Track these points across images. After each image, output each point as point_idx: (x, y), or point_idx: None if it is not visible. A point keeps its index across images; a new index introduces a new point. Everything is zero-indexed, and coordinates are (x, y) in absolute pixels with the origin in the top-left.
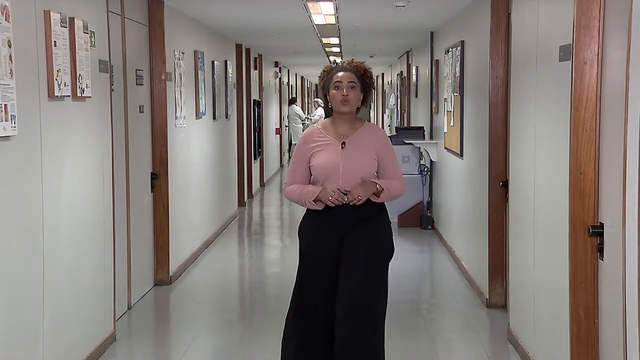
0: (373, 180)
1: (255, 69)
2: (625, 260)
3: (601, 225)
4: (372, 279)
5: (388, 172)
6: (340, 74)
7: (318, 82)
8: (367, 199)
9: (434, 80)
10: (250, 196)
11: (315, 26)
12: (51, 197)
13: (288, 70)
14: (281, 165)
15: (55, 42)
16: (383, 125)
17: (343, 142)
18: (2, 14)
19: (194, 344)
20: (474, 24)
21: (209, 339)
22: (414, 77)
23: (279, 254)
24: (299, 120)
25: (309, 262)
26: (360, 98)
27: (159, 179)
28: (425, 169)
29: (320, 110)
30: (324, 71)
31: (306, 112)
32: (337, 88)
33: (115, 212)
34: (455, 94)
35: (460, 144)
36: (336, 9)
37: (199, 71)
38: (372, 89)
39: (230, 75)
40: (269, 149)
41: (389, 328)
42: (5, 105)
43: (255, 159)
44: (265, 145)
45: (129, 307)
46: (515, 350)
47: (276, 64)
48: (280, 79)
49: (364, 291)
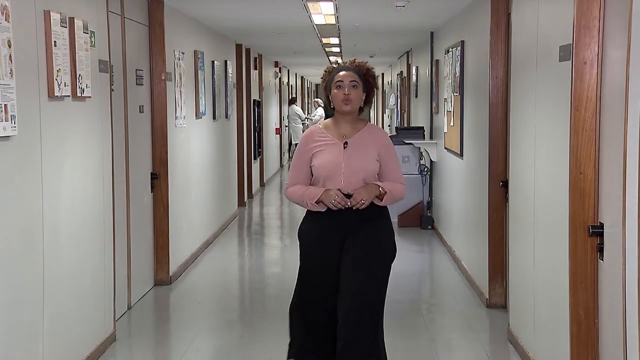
0: (376, 183)
1: (255, 69)
2: (625, 260)
3: (601, 225)
4: (373, 279)
5: (390, 174)
6: (342, 73)
7: (320, 83)
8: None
9: (434, 80)
10: (250, 196)
11: (315, 26)
12: (51, 197)
13: (288, 70)
14: (281, 165)
15: (55, 42)
16: (383, 125)
17: (345, 142)
18: (2, 14)
19: (194, 344)
20: (474, 24)
21: (209, 339)
22: (414, 77)
23: (279, 254)
24: (299, 120)
25: (311, 263)
26: (363, 98)
27: (159, 179)
28: (425, 169)
29: (320, 110)
30: (326, 71)
31: (306, 112)
32: (338, 87)
33: (115, 212)
34: (455, 94)
35: (460, 144)
36: (336, 9)
37: (199, 71)
38: (375, 89)
39: (230, 75)
40: (269, 149)
41: (389, 328)
42: (5, 105)
43: (255, 159)
44: (265, 145)
45: (129, 307)
46: (515, 350)
47: (276, 64)
48: (280, 79)
49: (365, 292)
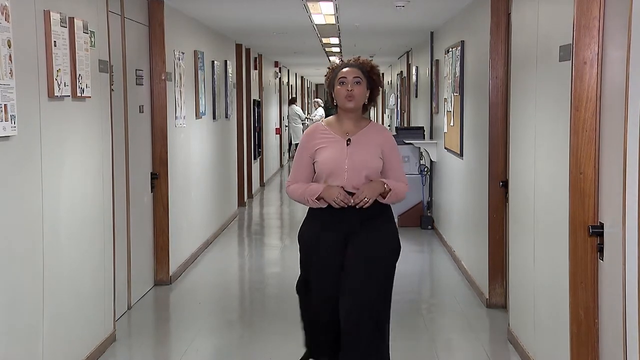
0: (381, 180)
1: (255, 69)
2: (625, 260)
3: (601, 225)
4: (374, 279)
5: (392, 173)
6: (345, 69)
7: (324, 81)
8: (375, 200)
9: (434, 80)
10: (250, 196)
11: (315, 26)
12: (51, 197)
13: (288, 70)
14: (281, 165)
15: (55, 42)
16: (383, 125)
17: (348, 139)
18: (2, 14)
19: (194, 344)
20: (474, 24)
21: (209, 339)
22: (414, 77)
23: (279, 254)
24: (299, 120)
25: (314, 264)
26: (366, 95)
27: (159, 179)
28: (425, 169)
29: (320, 110)
30: (330, 68)
31: (306, 112)
32: (342, 84)
33: (115, 212)
34: (455, 94)
35: (460, 144)
36: (336, 9)
37: (199, 71)
38: (380, 87)
39: (230, 75)
40: (269, 149)
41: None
42: (5, 105)
43: (255, 159)
44: (265, 145)
45: (129, 307)
46: (515, 350)
47: (276, 64)
48: (280, 79)
49: (365, 291)
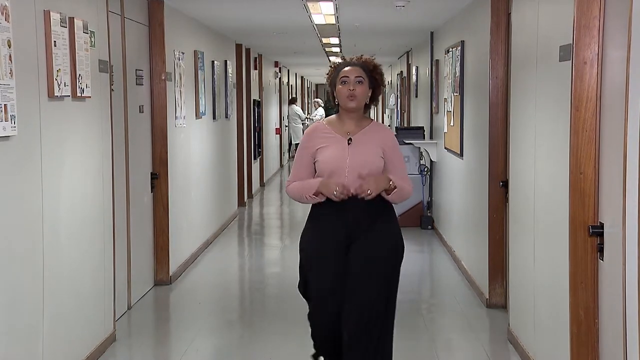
0: (387, 176)
1: (255, 69)
2: (625, 260)
3: (601, 225)
4: (374, 280)
5: (394, 173)
6: (347, 68)
7: (326, 80)
8: (379, 195)
9: (434, 80)
10: (250, 196)
11: (315, 26)
12: (51, 197)
13: (288, 70)
14: (281, 165)
15: (55, 42)
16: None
17: (349, 139)
18: (2, 14)
19: (194, 344)
20: (474, 24)
21: (209, 339)
22: (414, 77)
23: (279, 254)
24: (299, 120)
25: (314, 265)
26: (369, 94)
27: (159, 179)
28: (425, 169)
29: (320, 110)
30: (331, 67)
31: (306, 112)
32: (343, 83)
33: (115, 212)
34: (455, 94)
35: (460, 144)
36: (336, 9)
37: (199, 71)
38: (382, 86)
39: (230, 75)
40: (269, 149)
41: None
42: (5, 105)
43: (255, 159)
44: (265, 145)
45: (129, 307)
46: (515, 350)
47: (276, 64)
48: (280, 79)
49: (365, 291)
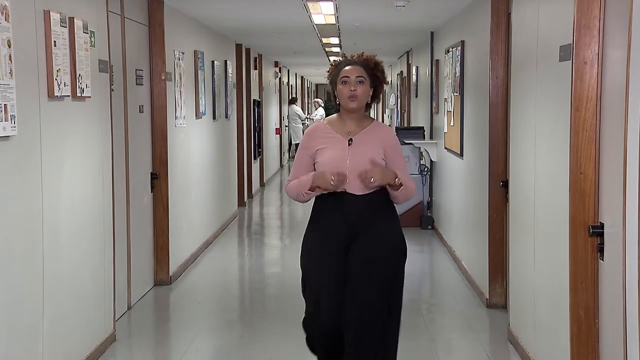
0: (394, 171)
1: (255, 69)
2: (626, 260)
3: (601, 225)
4: (375, 281)
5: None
6: (347, 68)
7: (326, 77)
8: (381, 195)
9: (434, 80)
10: (250, 196)
11: (315, 26)
12: (51, 197)
13: (288, 70)
14: (281, 165)
15: (55, 42)
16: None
17: (350, 139)
18: (2, 14)
19: (194, 344)
20: (474, 24)
21: (209, 339)
22: (414, 77)
23: (279, 254)
24: (299, 120)
25: (314, 268)
26: (370, 93)
27: (159, 179)
28: (425, 169)
29: (320, 110)
30: (332, 65)
31: (306, 112)
32: (344, 83)
33: (115, 212)
34: (455, 94)
35: (460, 144)
36: (336, 9)
37: (199, 71)
38: (384, 84)
39: (230, 75)
40: (269, 149)
41: None
42: (5, 105)
43: (255, 159)
44: (265, 145)
45: (129, 307)
46: (515, 350)
47: (276, 64)
48: (280, 79)
49: (366, 292)
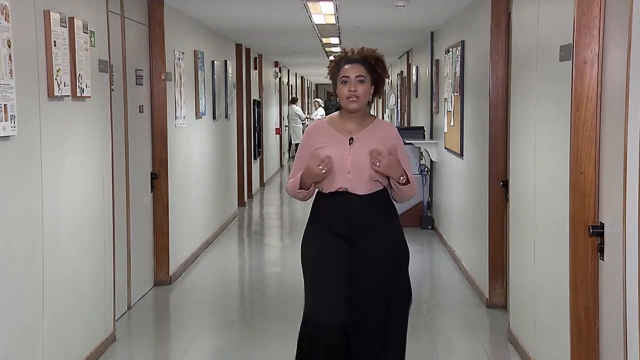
0: (403, 167)
1: (255, 69)
2: (626, 260)
3: (601, 225)
4: (376, 280)
5: None
6: (347, 67)
7: (327, 73)
8: (382, 195)
9: (434, 80)
10: (250, 196)
11: (315, 26)
12: (51, 197)
13: (288, 70)
14: (281, 166)
15: (55, 42)
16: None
17: (351, 138)
18: (2, 13)
19: (194, 344)
20: (474, 24)
21: (209, 339)
22: (414, 77)
23: (279, 254)
24: (299, 120)
25: (314, 268)
26: (371, 92)
27: (159, 179)
28: (426, 169)
29: (320, 110)
30: (332, 61)
31: (306, 112)
32: (344, 83)
33: (115, 212)
34: (455, 94)
35: (460, 144)
36: (336, 9)
37: (199, 71)
38: (386, 79)
39: (230, 75)
40: (269, 149)
41: None
42: (5, 105)
43: (255, 159)
44: (265, 145)
45: (129, 307)
46: (515, 350)
47: (276, 64)
48: (280, 79)
49: (366, 292)
